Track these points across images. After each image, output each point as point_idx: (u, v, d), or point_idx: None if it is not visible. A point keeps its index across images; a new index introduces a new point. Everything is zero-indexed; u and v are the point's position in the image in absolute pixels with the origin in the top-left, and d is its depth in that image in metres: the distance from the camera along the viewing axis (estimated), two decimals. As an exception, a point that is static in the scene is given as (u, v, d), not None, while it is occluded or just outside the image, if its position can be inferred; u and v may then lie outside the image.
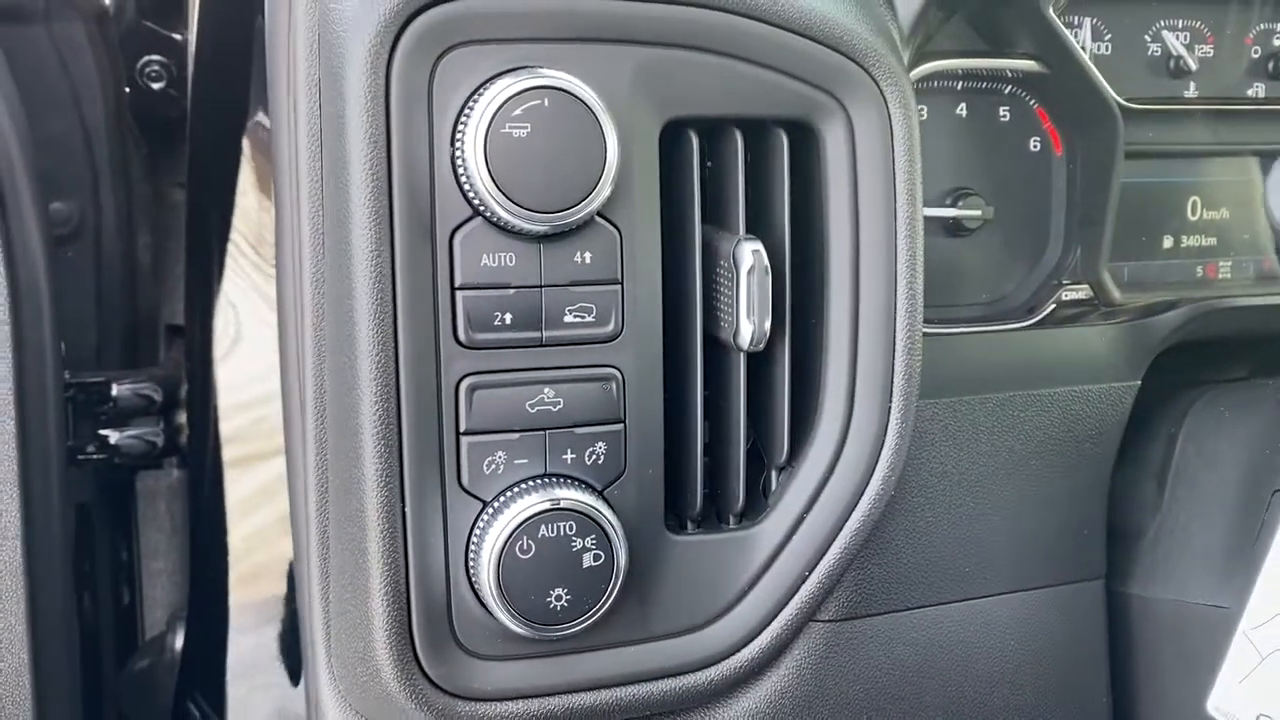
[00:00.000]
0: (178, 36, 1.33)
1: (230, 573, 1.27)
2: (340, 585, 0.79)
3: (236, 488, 1.26)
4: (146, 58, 1.31)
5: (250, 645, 1.26)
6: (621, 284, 0.77)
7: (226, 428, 1.24)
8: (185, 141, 1.22)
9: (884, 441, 0.84)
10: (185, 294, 1.30)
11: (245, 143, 1.16)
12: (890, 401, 0.84)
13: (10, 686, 1.03)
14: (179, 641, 1.35)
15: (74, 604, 1.13)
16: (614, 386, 0.78)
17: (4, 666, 1.03)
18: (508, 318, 0.75)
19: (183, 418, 1.29)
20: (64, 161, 1.25)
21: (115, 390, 1.23)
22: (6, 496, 1.00)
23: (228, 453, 1.26)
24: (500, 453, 0.76)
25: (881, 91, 0.81)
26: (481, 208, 0.73)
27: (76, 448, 1.22)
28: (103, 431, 1.24)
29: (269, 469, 1.17)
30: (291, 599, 1.00)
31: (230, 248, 1.23)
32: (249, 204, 1.16)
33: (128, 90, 1.31)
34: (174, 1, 1.31)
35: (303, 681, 0.89)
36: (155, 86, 1.32)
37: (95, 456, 1.24)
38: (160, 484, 1.43)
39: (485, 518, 0.76)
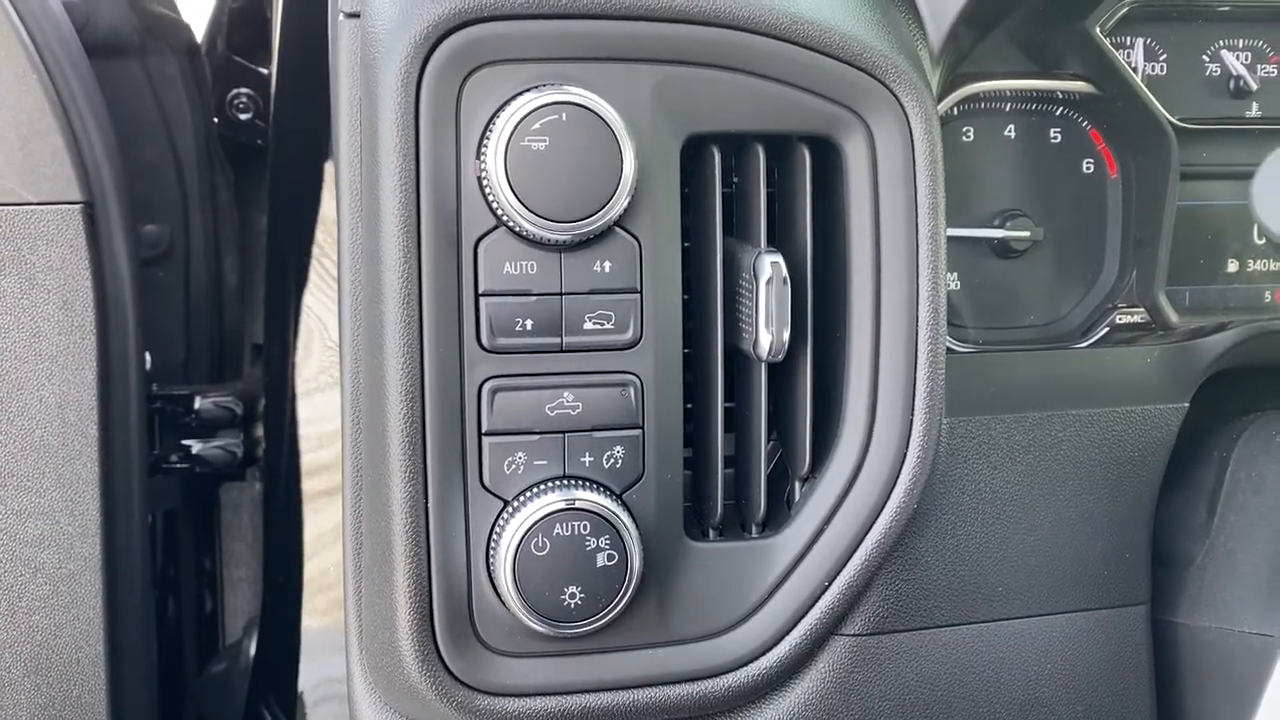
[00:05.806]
0: (264, 71, 1.41)
1: (302, 582, 1.32)
2: (370, 579, 0.82)
3: (309, 500, 1.31)
4: (235, 90, 1.40)
5: (320, 653, 1.30)
6: (640, 293, 0.79)
7: (303, 442, 1.30)
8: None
9: (906, 455, 0.84)
10: (264, 314, 1.36)
11: (321, 172, 1.22)
12: (912, 415, 0.84)
13: (87, 677, 1.08)
14: (254, 648, 1.41)
15: (153, 604, 1.19)
16: (633, 392, 0.80)
17: (81, 657, 1.08)
18: (529, 324, 0.78)
19: (260, 431, 1.35)
20: (156, 187, 1.33)
21: (198, 403, 1.30)
22: (88, 496, 1.06)
23: (302, 465, 1.31)
24: (520, 453, 0.79)
25: (902, 106, 0.82)
26: (504, 217, 0.76)
27: (161, 456, 1.29)
28: (186, 441, 1.30)
29: (338, 482, 1.21)
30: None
31: (307, 271, 1.29)
32: (323, 230, 1.21)
33: (216, 121, 1.39)
34: (261, 37, 1.39)
35: None
36: (243, 117, 1.40)
37: (178, 465, 1.31)
38: (243, 495, 1.49)
39: (505, 516, 0.79)
